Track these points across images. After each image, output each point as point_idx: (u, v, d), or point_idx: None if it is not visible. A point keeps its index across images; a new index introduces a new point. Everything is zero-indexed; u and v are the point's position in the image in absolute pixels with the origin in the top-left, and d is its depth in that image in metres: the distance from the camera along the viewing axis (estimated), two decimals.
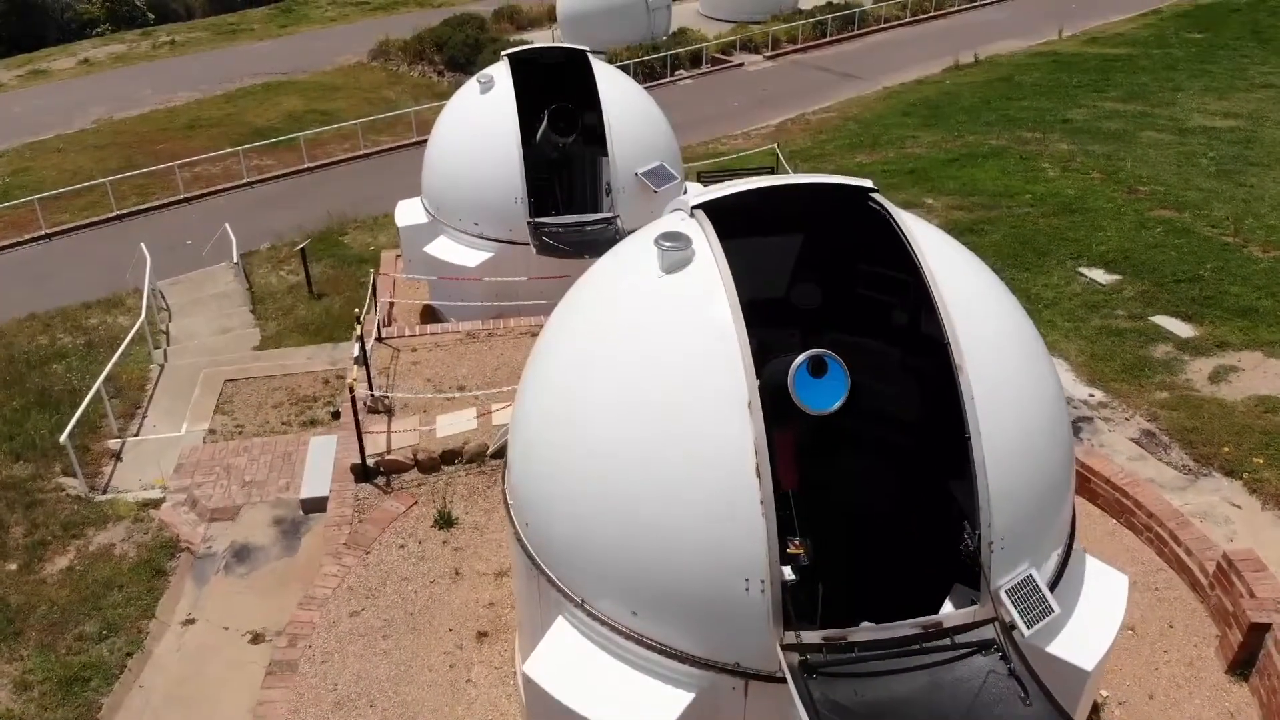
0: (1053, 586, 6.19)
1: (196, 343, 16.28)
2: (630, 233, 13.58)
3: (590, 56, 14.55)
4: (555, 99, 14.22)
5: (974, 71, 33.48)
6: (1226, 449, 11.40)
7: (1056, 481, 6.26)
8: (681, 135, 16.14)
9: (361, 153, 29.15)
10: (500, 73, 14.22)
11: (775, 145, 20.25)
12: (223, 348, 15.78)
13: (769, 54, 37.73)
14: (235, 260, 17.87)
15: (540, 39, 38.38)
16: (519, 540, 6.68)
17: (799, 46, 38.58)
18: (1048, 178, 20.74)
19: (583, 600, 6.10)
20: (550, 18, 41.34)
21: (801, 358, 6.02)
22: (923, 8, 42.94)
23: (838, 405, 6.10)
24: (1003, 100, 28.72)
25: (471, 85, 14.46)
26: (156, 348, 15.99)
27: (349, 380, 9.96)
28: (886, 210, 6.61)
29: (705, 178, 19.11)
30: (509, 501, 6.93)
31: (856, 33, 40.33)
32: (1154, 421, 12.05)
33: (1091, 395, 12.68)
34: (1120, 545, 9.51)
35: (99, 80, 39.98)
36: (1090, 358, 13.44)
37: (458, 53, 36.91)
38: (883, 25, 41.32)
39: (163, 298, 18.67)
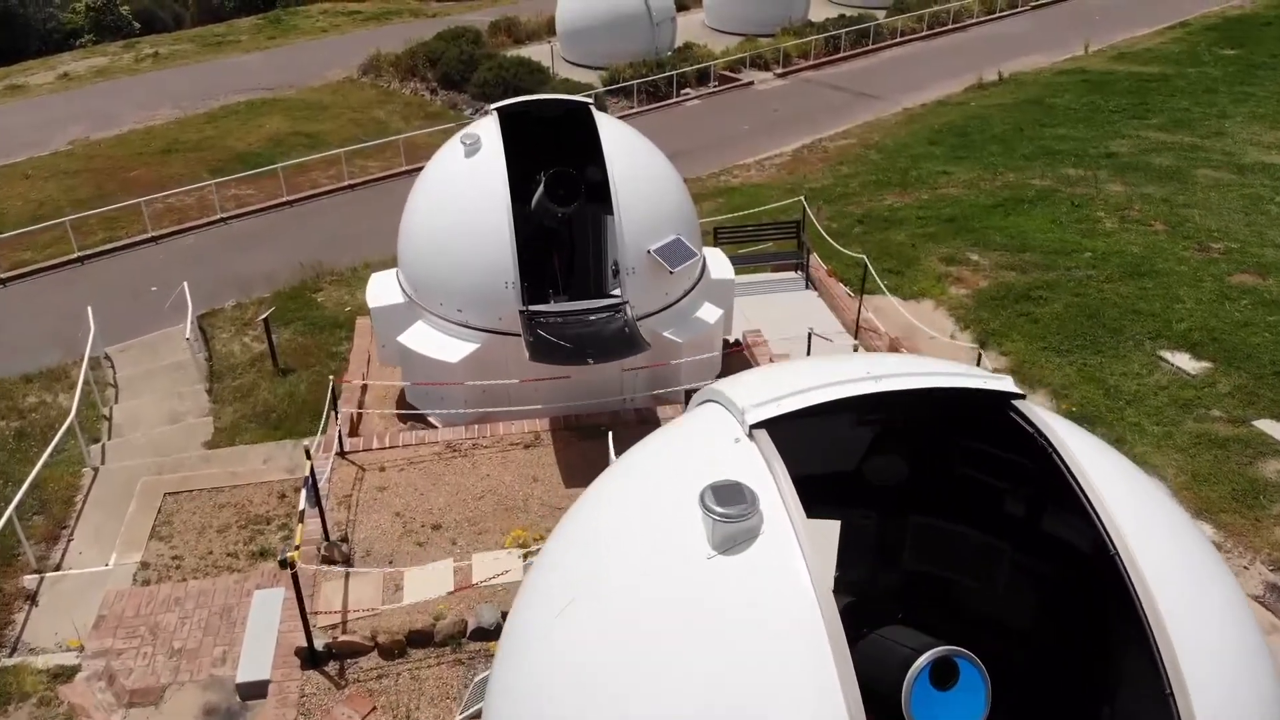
0: None
1: (140, 434, 14.16)
2: (639, 321, 11.81)
3: (593, 110, 12.47)
4: (553, 158, 12.13)
5: (999, 91, 31.43)
6: None
7: None
8: (690, 165, 14.08)
9: (346, 183, 27.06)
10: (488, 131, 12.10)
11: (802, 198, 18.02)
12: (169, 443, 13.65)
13: (779, 71, 35.61)
14: (188, 335, 15.72)
15: (539, 53, 36.34)
16: None
17: (811, 63, 36.46)
18: (1105, 230, 18.51)
19: None
20: (549, 30, 39.37)
21: (923, 661, 4.04)
22: (940, 20, 40.81)
23: None
24: (1036, 127, 26.61)
25: (455, 146, 12.31)
26: (95, 441, 13.91)
27: (290, 554, 7.87)
28: (1042, 433, 4.58)
29: (723, 236, 17.10)
30: None
31: (871, 48, 38.22)
32: (1279, 571, 9.97)
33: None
34: None
35: (77, 96, 37.91)
36: (1192, 478, 11.29)
37: (452, 69, 34.81)
38: (899, 39, 39.21)
39: (111, 367, 16.57)
